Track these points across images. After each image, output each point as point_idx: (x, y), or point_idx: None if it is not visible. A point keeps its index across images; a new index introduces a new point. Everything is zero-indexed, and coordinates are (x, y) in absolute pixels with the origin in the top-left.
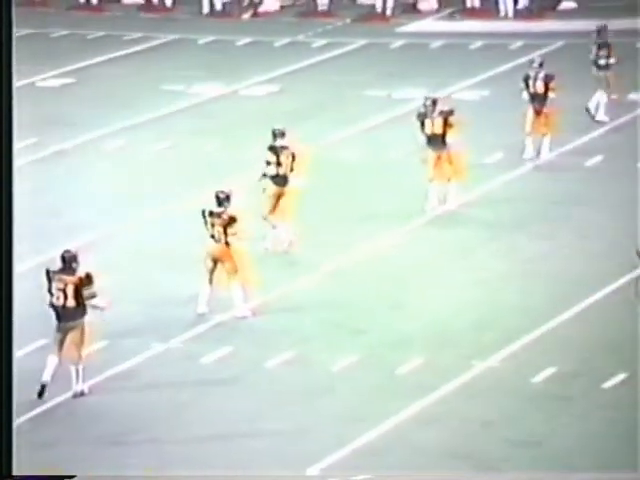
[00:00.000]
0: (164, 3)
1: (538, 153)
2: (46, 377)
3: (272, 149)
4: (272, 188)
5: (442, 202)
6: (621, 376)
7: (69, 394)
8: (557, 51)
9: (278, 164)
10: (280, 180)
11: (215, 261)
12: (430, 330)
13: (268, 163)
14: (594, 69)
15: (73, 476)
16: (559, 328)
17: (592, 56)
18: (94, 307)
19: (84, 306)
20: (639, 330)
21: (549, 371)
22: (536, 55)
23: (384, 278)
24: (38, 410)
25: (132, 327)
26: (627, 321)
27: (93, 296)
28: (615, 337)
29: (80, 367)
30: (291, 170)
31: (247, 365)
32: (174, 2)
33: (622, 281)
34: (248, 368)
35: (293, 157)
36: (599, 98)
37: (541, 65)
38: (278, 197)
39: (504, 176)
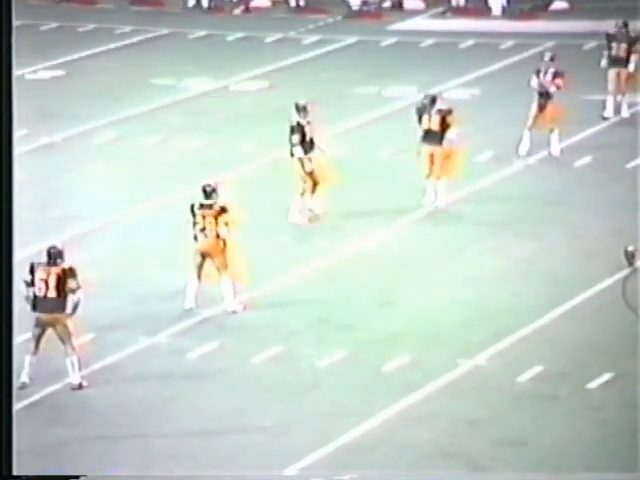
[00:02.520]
0: None
1: (530, 150)
2: (24, 378)
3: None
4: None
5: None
6: (607, 376)
7: (52, 388)
8: (548, 51)
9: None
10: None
11: (204, 256)
12: (418, 328)
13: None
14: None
15: (76, 476)
16: (547, 327)
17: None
18: (73, 304)
19: (65, 299)
20: (628, 330)
21: (536, 370)
22: (547, 50)
23: (373, 275)
24: (20, 405)
25: (119, 321)
26: (614, 321)
27: (74, 290)
28: (602, 337)
29: (75, 359)
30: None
31: (233, 360)
32: None
33: (610, 281)
34: (234, 363)
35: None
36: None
37: (552, 60)
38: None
39: (494, 175)
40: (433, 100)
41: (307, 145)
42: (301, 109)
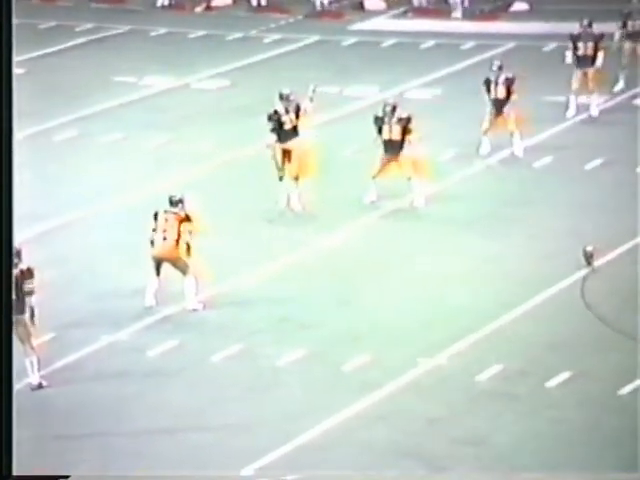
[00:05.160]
0: None
1: (491, 150)
2: None
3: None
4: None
5: (383, 197)
6: (566, 374)
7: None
8: (509, 52)
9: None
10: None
11: (160, 262)
12: (378, 327)
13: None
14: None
15: (65, 476)
16: (506, 327)
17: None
18: (30, 310)
19: (24, 301)
20: (586, 329)
21: (496, 369)
22: (494, 59)
23: (333, 274)
24: None
25: (79, 319)
26: (573, 320)
27: (30, 292)
28: (561, 336)
29: (34, 359)
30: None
31: (193, 358)
32: None
33: (569, 281)
34: (194, 361)
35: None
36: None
37: (500, 68)
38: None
39: (455, 174)
40: (393, 109)
41: (286, 133)
42: (283, 97)
